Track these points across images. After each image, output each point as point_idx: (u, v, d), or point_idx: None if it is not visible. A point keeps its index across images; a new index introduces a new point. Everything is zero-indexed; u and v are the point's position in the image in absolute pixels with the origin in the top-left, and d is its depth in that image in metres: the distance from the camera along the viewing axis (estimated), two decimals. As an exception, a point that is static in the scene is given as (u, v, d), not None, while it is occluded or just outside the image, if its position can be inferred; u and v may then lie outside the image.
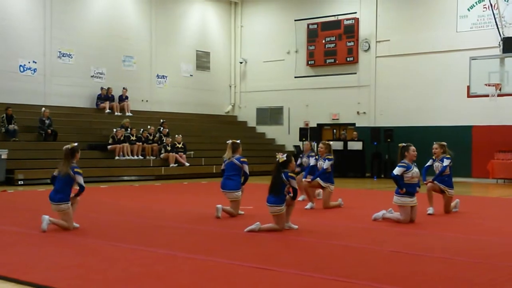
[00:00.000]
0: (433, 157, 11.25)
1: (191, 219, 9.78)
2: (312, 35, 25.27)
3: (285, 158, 8.37)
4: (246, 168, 10.13)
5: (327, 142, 11.83)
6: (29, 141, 19.36)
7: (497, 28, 19.96)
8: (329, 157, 11.36)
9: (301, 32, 25.66)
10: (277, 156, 8.48)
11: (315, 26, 25.20)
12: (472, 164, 21.48)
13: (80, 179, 8.48)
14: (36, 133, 19.59)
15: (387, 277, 5.54)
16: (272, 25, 26.86)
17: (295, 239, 7.79)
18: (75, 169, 8.52)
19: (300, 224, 9.17)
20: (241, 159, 10.15)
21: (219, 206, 9.91)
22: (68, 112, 21.85)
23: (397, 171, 9.40)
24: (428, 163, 11.27)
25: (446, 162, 10.75)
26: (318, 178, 11.25)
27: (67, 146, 8.73)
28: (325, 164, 11.26)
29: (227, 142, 10.50)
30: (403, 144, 9.81)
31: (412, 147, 9.71)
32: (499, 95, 19.04)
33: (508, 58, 19.00)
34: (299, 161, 12.61)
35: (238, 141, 10.40)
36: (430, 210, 10.44)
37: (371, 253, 6.88)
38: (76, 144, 8.87)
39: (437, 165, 10.84)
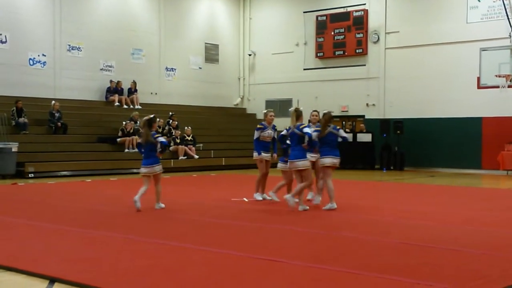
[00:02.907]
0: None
1: (200, 211, 9.81)
2: (321, 27, 25.18)
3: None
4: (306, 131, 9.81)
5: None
6: (39, 134, 19.45)
7: (508, 19, 19.81)
8: (317, 128, 10.45)
9: (310, 24, 25.57)
10: None
11: (324, 18, 25.10)
12: (482, 155, 21.37)
13: (160, 138, 9.82)
14: (46, 126, 19.68)
15: (396, 269, 5.54)
16: (281, 17, 26.78)
17: (302, 231, 7.80)
18: (155, 135, 9.80)
19: (307, 216, 9.19)
20: (300, 127, 9.88)
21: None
22: (77, 105, 21.92)
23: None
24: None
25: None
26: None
27: (145, 117, 10.04)
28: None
29: (290, 110, 10.35)
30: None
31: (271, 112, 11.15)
32: (509, 86, 18.93)
33: (519, 49, 18.88)
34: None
35: (301, 108, 10.30)
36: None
37: (380, 244, 6.87)
38: (153, 115, 10.21)
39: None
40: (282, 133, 10.31)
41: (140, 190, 9.75)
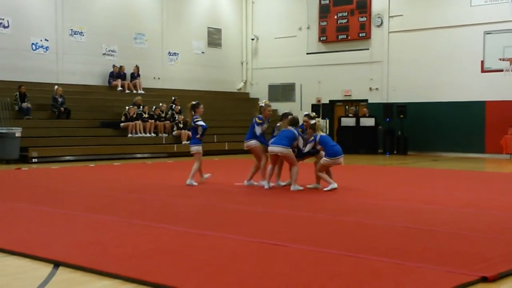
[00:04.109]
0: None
1: (203, 196, 9.84)
2: (324, 11, 25.05)
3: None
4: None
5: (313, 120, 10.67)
6: (42, 119, 19.49)
7: (512, 1, 19.68)
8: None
9: (313, 8, 25.44)
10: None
11: (327, 1, 24.96)
12: (486, 139, 21.36)
13: (200, 122, 11.31)
14: (49, 111, 19.70)
15: (399, 252, 5.55)
16: (284, 1, 26.65)
17: (306, 216, 7.82)
18: (195, 119, 11.23)
19: (310, 201, 9.21)
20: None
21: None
22: (80, 90, 21.92)
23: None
24: None
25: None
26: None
27: (192, 102, 11.57)
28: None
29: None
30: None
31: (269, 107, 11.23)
32: (513, 70, 18.86)
33: (523, 32, 18.78)
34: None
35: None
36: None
37: (383, 228, 6.89)
38: (196, 102, 11.76)
39: None
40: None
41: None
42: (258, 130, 10.78)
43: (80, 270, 4.97)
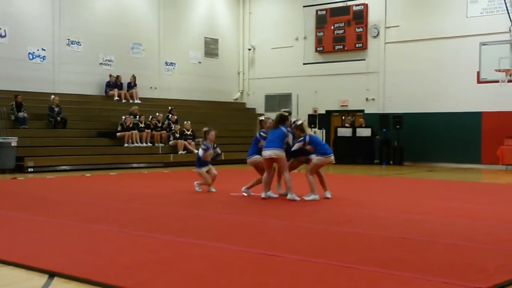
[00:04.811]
0: None
1: (198, 206, 9.82)
2: (321, 21, 25.15)
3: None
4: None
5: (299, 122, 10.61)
6: (38, 128, 19.45)
7: (508, 13, 19.78)
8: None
9: (310, 18, 25.54)
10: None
11: (324, 12, 25.07)
12: (482, 150, 21.40)
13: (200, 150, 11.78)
14: (45, 121, 19.68)
15: (395, 263, 5.54)
16: (281, 11, 26.75)
17: (301, 226, 7.81)
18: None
19: (306, 211, 9.20)
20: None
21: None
22: (77, 99, 21.92)
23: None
24: None
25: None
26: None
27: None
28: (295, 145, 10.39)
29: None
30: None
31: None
32: (509, 81, 18.90)
33: (519, 44, 18.85)
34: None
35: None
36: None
37: (380, 239, 6.88)
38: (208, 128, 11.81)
39: None
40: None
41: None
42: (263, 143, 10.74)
43: (75, 280, 4.95)
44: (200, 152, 11.66)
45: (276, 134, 10.26)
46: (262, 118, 11.33)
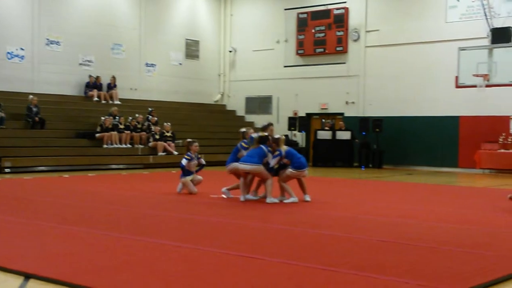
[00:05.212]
0: None
1: (178, 208, 9.79)
2: (302, 24, 25.23)
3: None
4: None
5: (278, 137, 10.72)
6: (16, 128, 19.25)
7: (486, 18, 20.01)
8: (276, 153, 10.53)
9: (291, 21, 25.61)
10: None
11: (305, 15, 25.16)
12: (459, 154, 21.61)
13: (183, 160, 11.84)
14: (23, 121, 19.47)
15: (374, 266, 5.58)
16: (262, 14, 26.79)
17: (281, 229, 7.82)
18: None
19: (285, 214, 9.22)
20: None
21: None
22: (56, 100, 21.72)
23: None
24: None
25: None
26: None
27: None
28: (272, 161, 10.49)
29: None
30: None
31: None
32: (487, 86, 19.11)
33: (496, 49, 19.06)
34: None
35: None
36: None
37: (358, 242, 6.92)
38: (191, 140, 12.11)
39: None
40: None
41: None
42: (244, 154, 10.74)
43: (51, 282, 4.91)
44: (184, 162, 11.78)
45: (256, 151, 10.43)
46: (243, 129, 11.45)
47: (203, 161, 12.13)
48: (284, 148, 10.63)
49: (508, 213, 9.58)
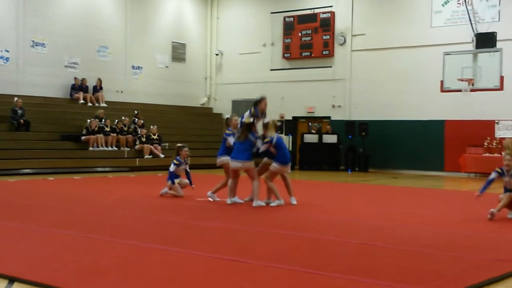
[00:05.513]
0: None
1: (164, 211, 9.77)
2: (288, 28, 25.29)
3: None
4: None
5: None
6: (1, 131, 19.10)
7: (471, 24, 20.16)
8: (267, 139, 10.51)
9: (277, 25, 25.67)
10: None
11: (291, 19, 25.22)
12: (445, 158, 21.75)
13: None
14: (8, 123, 19.33)
15: (356, 269, 5.60)
16: (249, 17, 26.81)
17: (266, 232, 7.83)
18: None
19: (271, 217, 9.23)
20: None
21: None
22: (41, 102, 21.58)
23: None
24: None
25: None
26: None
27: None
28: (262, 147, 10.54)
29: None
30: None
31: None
32: (471, 90, 19.26)
33: (481, 54, 19.22)
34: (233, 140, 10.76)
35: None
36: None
37: (342, 245, 6.94)
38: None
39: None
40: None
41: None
42: (231, 140, 10.73)
43: (36, 286, 4.88)
44: (172, 167, 11.75)
45: (245, 145, 10.36)
46: (228, 116, 11.45)
47: (188, 168, 12.01)
48: (274, 135, 10.54)
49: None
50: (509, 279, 5.53)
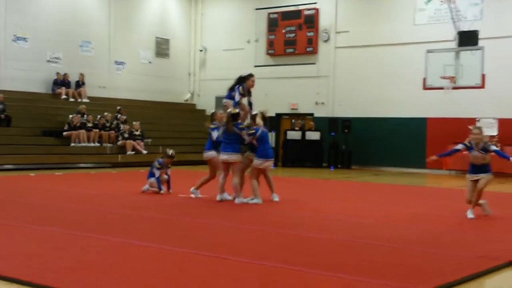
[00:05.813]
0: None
1: (147, 207, 9.74)
2: (273, 24, 25.29)
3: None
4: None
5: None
6: (-18, 126, 18.93)
7: (453, 22, 20.33)
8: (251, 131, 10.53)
9: (262, 21, 25.65)
10: None
11: (276, 15, 25.22)
12: (427, 155, 21.87)
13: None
14: (-11, 118, 19.15)
15: (337, 266, 5.64)
16: (233, 13, 26.77)
17: (249, 229, 7.85)
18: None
19: (254, 214, 9.25)
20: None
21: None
22: (22, 97, 21.37)
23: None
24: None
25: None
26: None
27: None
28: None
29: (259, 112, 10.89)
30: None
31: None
32: (453, 88, 19.45)
33: (463, 52, 19.42)
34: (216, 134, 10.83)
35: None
36: None
37: (324, 242, 6.98)
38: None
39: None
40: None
41: None
42: (215, 135, 10.73)
43: (17, 283, 4.85)
44: (157, 173, 11.69)
45: (232, 138, 10.38)
46: (213, 111, 11.46)
47: (169, 173, 11.95)
48: (261, 127, 10.50)
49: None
50: (489, 275, 5.60)
